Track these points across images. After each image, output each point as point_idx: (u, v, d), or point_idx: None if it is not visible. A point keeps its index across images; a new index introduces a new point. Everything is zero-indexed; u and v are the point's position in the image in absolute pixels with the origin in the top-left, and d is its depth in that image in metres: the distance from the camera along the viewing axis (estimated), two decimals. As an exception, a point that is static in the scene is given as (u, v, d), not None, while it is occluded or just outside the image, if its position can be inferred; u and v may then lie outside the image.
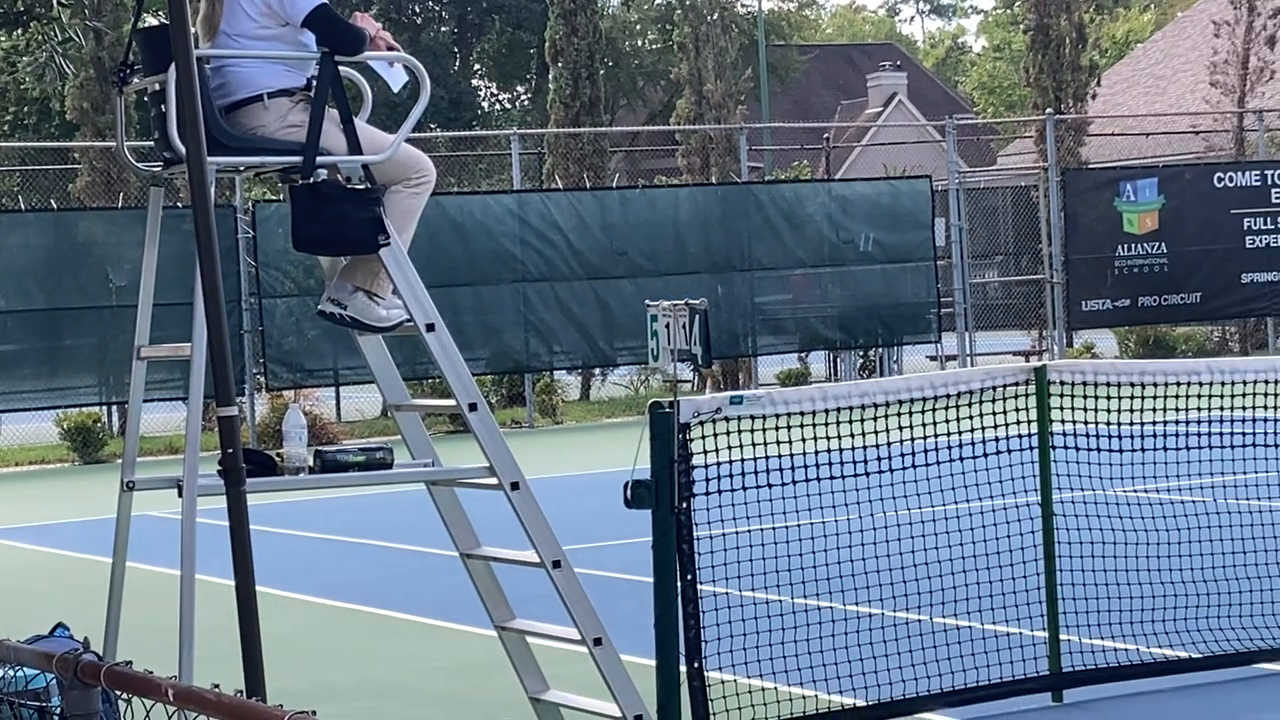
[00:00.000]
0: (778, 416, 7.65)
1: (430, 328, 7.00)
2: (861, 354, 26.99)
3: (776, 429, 7.73)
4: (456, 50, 59.68)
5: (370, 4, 52.36)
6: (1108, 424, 8.55)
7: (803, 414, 7.74)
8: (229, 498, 5.36)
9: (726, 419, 7.44)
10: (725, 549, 7.89)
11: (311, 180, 6.85)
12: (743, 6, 51.53)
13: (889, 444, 8.08)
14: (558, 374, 25.69)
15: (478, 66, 61.78)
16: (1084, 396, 8.45)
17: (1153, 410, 8.69)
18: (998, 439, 8.33)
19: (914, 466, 8.14)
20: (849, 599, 8.93)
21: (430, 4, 59.76)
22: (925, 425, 8.19)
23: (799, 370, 27.39)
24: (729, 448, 7.56)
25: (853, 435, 7.99)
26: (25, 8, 40.55)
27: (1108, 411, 8.56)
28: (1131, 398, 8.59)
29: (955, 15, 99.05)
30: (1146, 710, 7.98)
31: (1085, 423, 8.50)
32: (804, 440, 7.86)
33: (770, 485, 7.69)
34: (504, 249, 23.48)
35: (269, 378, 22.53)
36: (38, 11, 38.57)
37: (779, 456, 7.72)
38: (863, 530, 8.87)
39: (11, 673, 4.46)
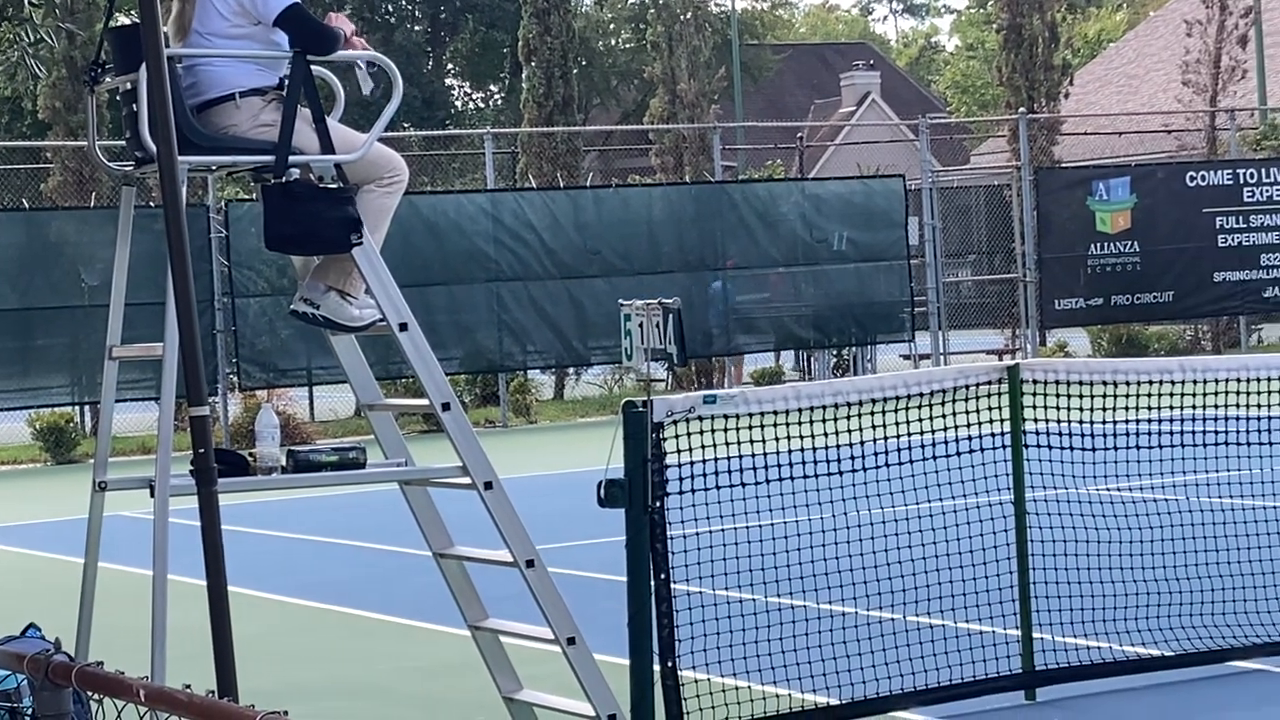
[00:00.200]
0: (751, 416, 7.65)
1: (403, 327, 6.99)
2: (835, 353, 27.01)
3: (750, 428, 7.73)
4: (430, 49, 59.63)
5: (343, 3, 52.29)
6: (1080, 423, 8.57)
7: (776, 413, 7.74)
8: (200, 498, 5.35)
9: (700, 418, 7.44)
10: (699, 548, 7.89)
11: (284, 179, 6.84)
12: (716, 6, 51.56)
13: (862, 443, 8.08)
14: (531, 373, 25.67)
15: (451, 66, 61.75)
16: (1056, 395, 8.47)
17: (1125, 409, 8.71)
18: (970, 438, 8.34)
19: (887, 465, 8.14)
20: (822, 598, 8.93)
21: (403, 3, 59.70)
22: (899, 424, 8.19)
23: (773, 369, 27.42)
24: (702, 447, 7.57)
25: (826, 434, 7.99)
26: (-4, 7, 40.37)
27: (1080, 410, 8.57)
28: (1104, 396, 8.61)
29: (928, 14, 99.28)
30: (1119, 708, 8.00)
31: (1058, 421, 8.51)
32: (777, 439, 7.86)
33: (744, 484, 7.69)
34: (477, 248, 23.46)
35: (242, 377, 22.48)
36: (9, 12, 38.45)
37: (753, 455, 7.72)
38: (836, 529, 8.88)
39: (-17, 674, 4.44)
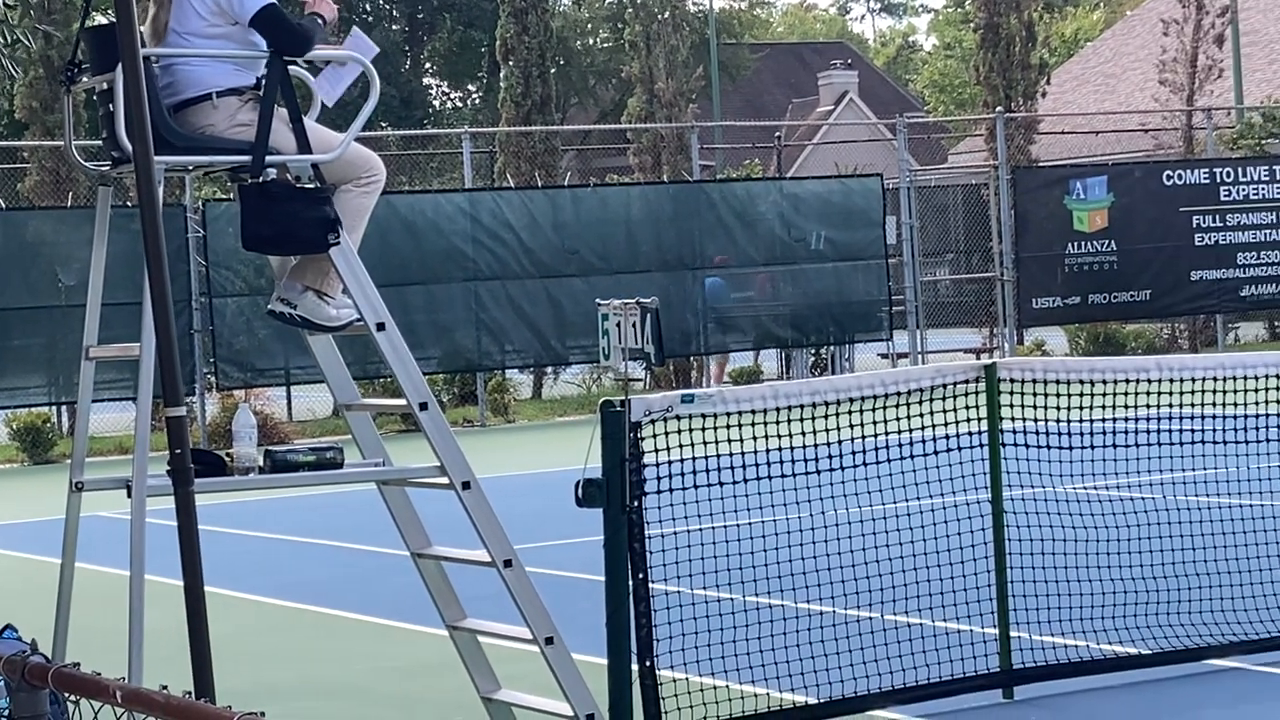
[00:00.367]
0: (729, 415, 7.66)
1: (380, 327, 6.99)
2: (813, 352, 27.03)
3: (728, 427, 7.74)
4: (407, 49, 59.58)
5: (321, 2, 52.19)
6: (1058, 421, 8.59)
7: (754, 412, 7.75)
8: (177, 498, 5.34)
9: (678, 417, 7.44)
10: (677, 547, 7.89)
11: (261, 179, 6.83)
12: (694, 5, 51.57)
13: (840, 442, 8.09)
14: (509, 373, 25.66)
15: (429, 65, 61.70)
16: (1034, 394, 8.48)
17: (1102, 408, 8.73)
18: (948, 436, 8.35)
19: (865, 464, 8.15)
20: (800, 597, 8.94)
21: (381, 2, 59.63)
22: (876, 423, 8.20)
23: (751, 368, 27.43)
24: (680, 446, 7.57)
25: (804, 433, 8.00)
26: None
27: (1057, 409, 8.60)
28: (1081, 395, 8.63)
29: (906, 14, 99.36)
30: (1096, 706, 8.01)
31: (1035, 420, 8.53)
32: (755, 439, 7.87)
33: (722, 483, 7.69)
34: (455, 248, 23.44)
35: (219, 377, 22.45)
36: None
37: (730, 455, 7.72)
38: (814, 528, 8.88)
39: (-42, 675, 4.43)
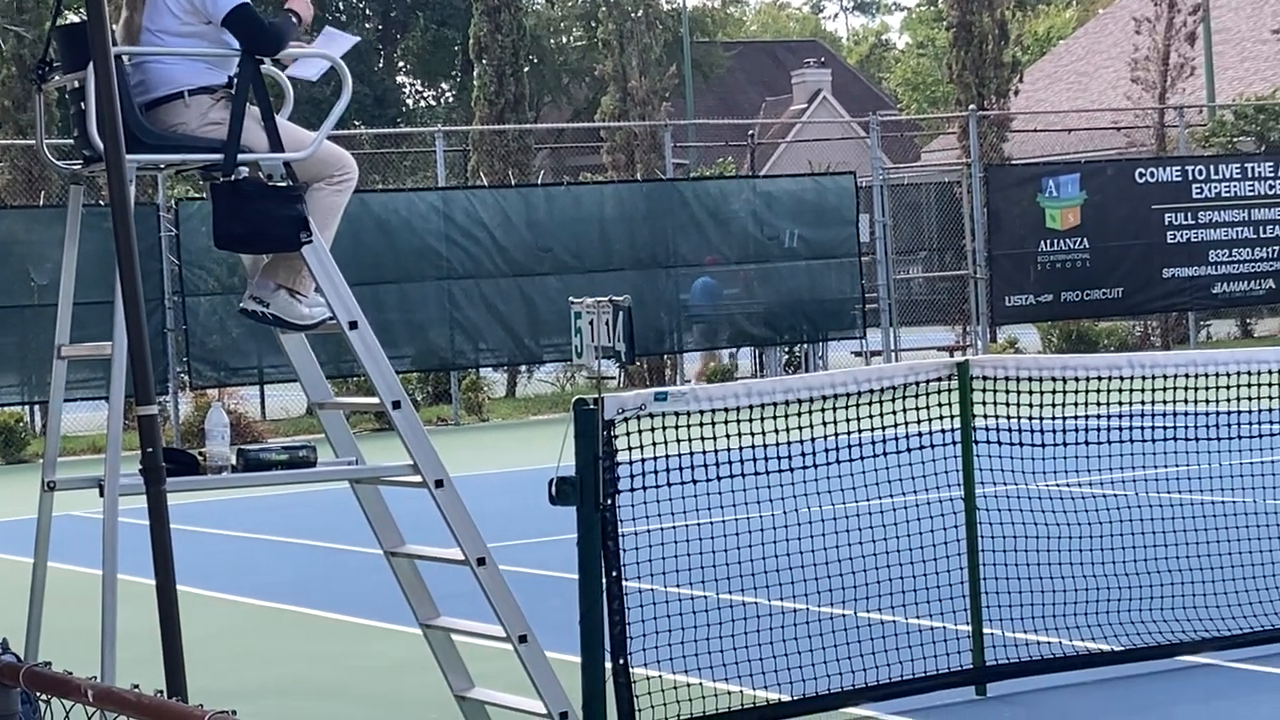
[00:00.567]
0: (702, 413, 7.66)
1: (353, 325, 6.98)
2: (787, 350, 27.05)
3: (701, 425, 7.74)
4: (380, 47, 59.51)
5: (293, 0, 52.12)
6: (1030, 418, 8.61)
7: (727, 410, 7.75)
8: (149, 497, 5.34)
9: (651, 415, 7.45)
10: (650, 545, 7.90)
11: (233, 178, 6.82)
12: (667, 3, 51.58)
13: (813, 439, 8.10)
14: (483, 371, 25.65)
15: (402, 64, 61.65)
16: (1006, 391, 8.50)
17: (1074, 405, 8.75)
18: (921, 434, 8.37)
19: (838, 462, 8.16)
20: (774, 594, 8.95)
21: (354, 1, 59.55)
22: (849, 421, 8.21)
23: (725, 366, 27.44)
24: (654, 444, 7.57)
25: (777, 431, 8.01)
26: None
27: (1030, 406, 8.62)
28: (1053, 392, 8.65)
29: (879, 12, 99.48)
30: (1069, 702, 8.03)
31: (1008, 417, 8.55)
32: (728, 436, 7.87)
33: (695, 481, 7.69)
34: (429, 246, 23.42)
35: (192, 376, 22.40)
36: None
37: (704, 453, 7.73)
38: (787, 526, 8.90)
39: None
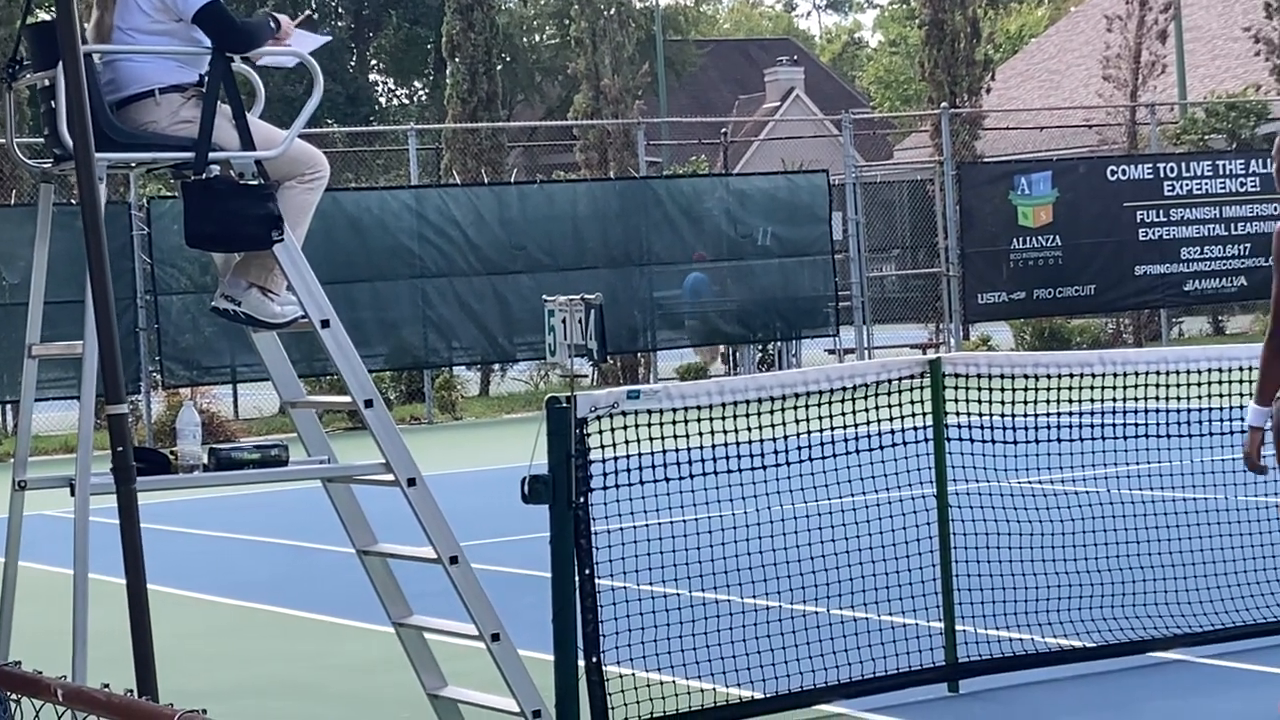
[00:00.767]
0: (675, 411, 7.67)
1: (325, 324, 6.97)
2: (760, 348, 27.08)
3: (674, 423, 7.74)
4: (353, 46, 59.44)
5: (266, -1, 51.99)
6: (1002, 416, 8.63)
7: (699, 408, 7.76)
8: (119, 496, 5.33)
9: (624, 413, 7.45)
10: (623, 543, 7.90)
11: (204, 176, 6.81)
12: (640, 1, 51.59)
13: (785, 437, 8.11)
14: (457, 370, 25.63)
15: (375, 62, 61.59)
16: (978, 389, 8.52)
17: (1046, 402, 8.77)
18: (893, 431, 8.38)
19: (810, 460, 8.17)
20: (746, 592, 8.96)
21: (327, -1, 59.45)
22: (822, 418, 8.22)
23: (698, 364, 27.46)
24: (626, 442, 7.58)
25: (749, 429, 8.02)
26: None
27: (1002, 404, 8.64)
28: (1025, 390, 8.67)
29: (851, 10, 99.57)
30: (1041, 699, 8.05)
31: (980, 415, 8.57)
32: (701, 434, 7.88)
33: (668, 479, 7.70)
34: (401, 245, 23.40)
35: (165, 375, 22.35)
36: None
37: (676, 451, 7.73)
38: (760, 523, 8.92)
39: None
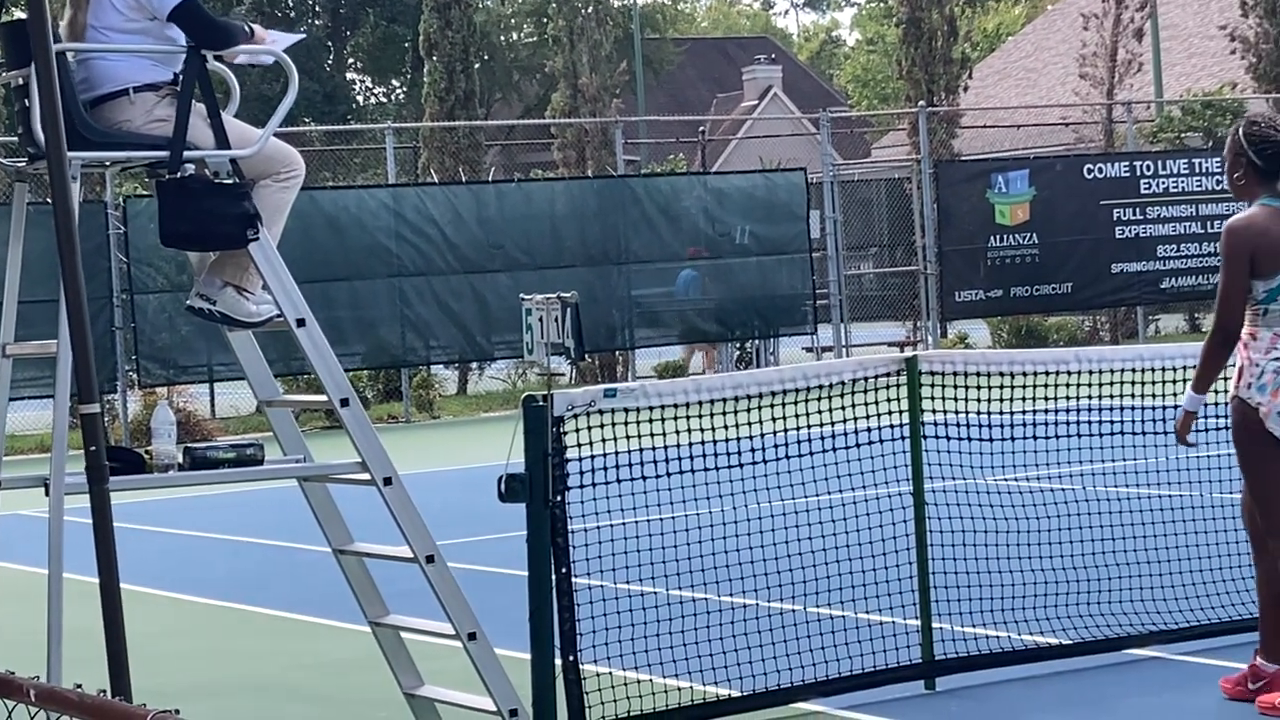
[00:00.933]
0: (652, 409, 7.67)
1: (301, 323, 6.96)
2: (738, 346, 27.09)
3: (651, 421, 7.75)
4: (330, 44, 59.37)
5: (243, -3, 51.93)
6: (978, 413, 8.64)
7: (676, 406, 7.76)
8: (92, 496, 5.32)
9: (600, 412, 7.45)
10: (600, 542, 7.90)
11: (179, 175, 6.79)
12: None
13: (763, 435, 8.11)
14: (435, 368, 25.61)
15: (352, 60, 61.53)
16: (955, 386, 8.53)
17: (1022, 399, 8.77)
18: (870, 429, 8.38)
19: (787, 457, 8.18)
20: (723, 590, 8.97)
21: (304, -3, 59.36)
22: (799, 416, 8.22)
23: (676, 362, 27.48)
24: (603, 440, 7.58)
25: (727, 427, 8.02)
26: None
27: (978, 401, 8.64)
28: (1001, 387, 8.68)
29: (829, 8, 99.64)
30: (1018, 696, 8.06)
31: (956, 412, 8.58)
32: (678, 432, 7.88)
33: (645, 478, 7.70)
34: (379, 243, 23.37)
35: (141, 375, 22.30)
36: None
37: (653, 449, 7.73)
38: (737, 521, 8.93)
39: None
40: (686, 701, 7.75)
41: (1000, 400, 8.66)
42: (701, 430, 7.93)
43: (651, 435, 7.75)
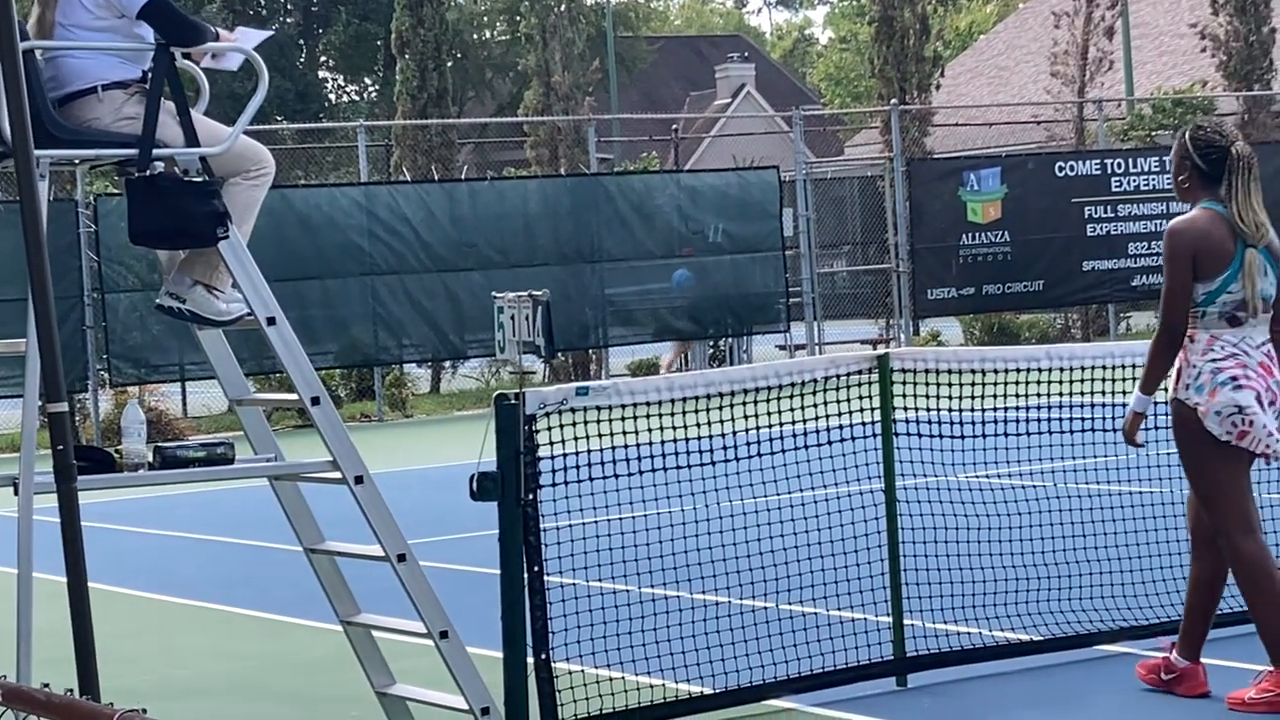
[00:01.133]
0: (624, 407, 7.67)
1: (271, 321, 6.95)
2: (711, 344, 27.09)
3: (623, 419, 7.75)
4: (302, 42, 59.24)
5: (214, -5, 51.80)
6: (950, 410, 8.65)
7: (649, 404, 7.76)
8: (60, 495, 5.30)
9: (573, 410, 7.45)
10: (572, 540, 7.89)
11: (148, 173, 6.78)
12: (590, -2, 51.53)
13: (735, 433, 8.11)
14: (407, 367, 25.57)
15: (324, 58, 61.38)
16: (926, 384, 8.54)
17: (994, 396, 8.79)
18: (842, 427, 8.40)
19: (759, 455, 8.18)
20: (696, 587, 8.97)
21: (276, -5, 59.22)
22: (770, 414, 8.23)
23: (650, 360, 27.47)
24: (575, 439, 7.58)
25: (699, 425, 8.03)
26: None
27: (949, 398, 8.66)
28: (973, 384, 8.70)
29: (802, 7, 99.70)
30: (989, 692, 8.08)
31: (928, 409, 8.59)
32: (650, 430, 7.88)
33: (617, 475, 7.70)
34: (351, 242, 23.33)
35: (113, 374, 22.23)
36: None
37: (625, 447, 7.73)
38: (709, 519, 8.93)
39: None
40: (658, 699, 7.75)
41: (972, 398, 8.67)
42: (674, 428, 7.94)
43: (624, 433, 7.74)
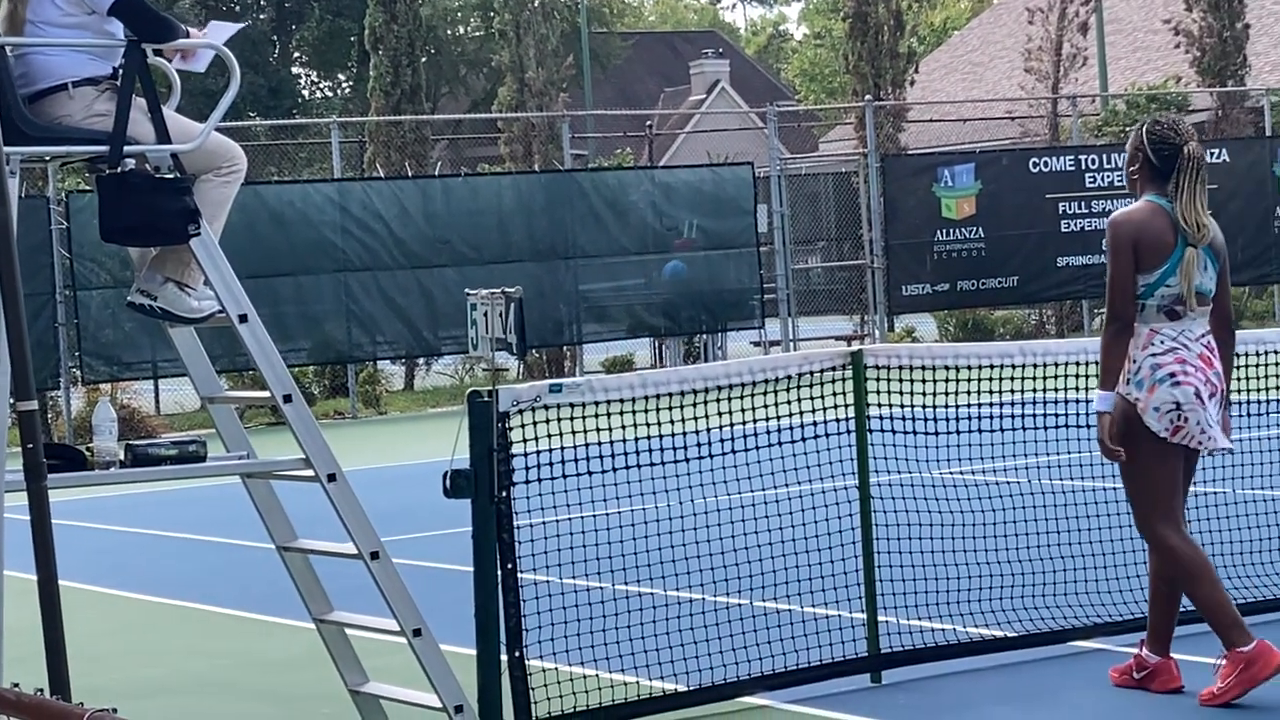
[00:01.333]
0: (598, 404, 7.66)
1: (243, 319, 6.92)
2: (686, 340, 27.10)
3: (596, 416, 7.73)
4: (275, 38, 59.12)
5: (187, -9, 51.66)
6: (924, 407, 8.65)
7: (622, 401, 7.75)
8: (30, 493, 5.28)
9: (546, 407, 7.43)
10: (546, 537, 7.88)
11: (119, 170, 6.75)
12: (564, -6, 51.47)
13: (709, 430, 8.11)
14: (381, 364, 25.53)
15: (297, 54, 61.26)
16: (900, 380, 8.53)
17: (968, 393, 8.80)
18: (816, 423, 8.39)
19: (734, 452, 8.17)
20: (670, 585, 8.96)
21: (249, -9, 59.08)
22: (745, 410, 8.23)
23: (624, 357, 27.47)
24: (549, 436, 7.56)
25: (673, 421, 8.01)
26: None
27: (923, 395, 8.65)
28: (947, 381, 8.69)
29: (776, 3, 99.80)
30: (964, 689, 8.08)
31: (902, 406, 8.58)
32: (624, 427, 7.87)
33: (590, 473, 7.69)
34: (325, 238, 23.29)
35: (85, 371, 22.15)
36: None
37: (599, 444, 7.72)
38: (683, 516, 8.92)
39: None
40: (633, 696, 7.74)
41: (946, 394, 8.67)
42: (648, 425, 7.92)
43: (598, 430, 7.73)
